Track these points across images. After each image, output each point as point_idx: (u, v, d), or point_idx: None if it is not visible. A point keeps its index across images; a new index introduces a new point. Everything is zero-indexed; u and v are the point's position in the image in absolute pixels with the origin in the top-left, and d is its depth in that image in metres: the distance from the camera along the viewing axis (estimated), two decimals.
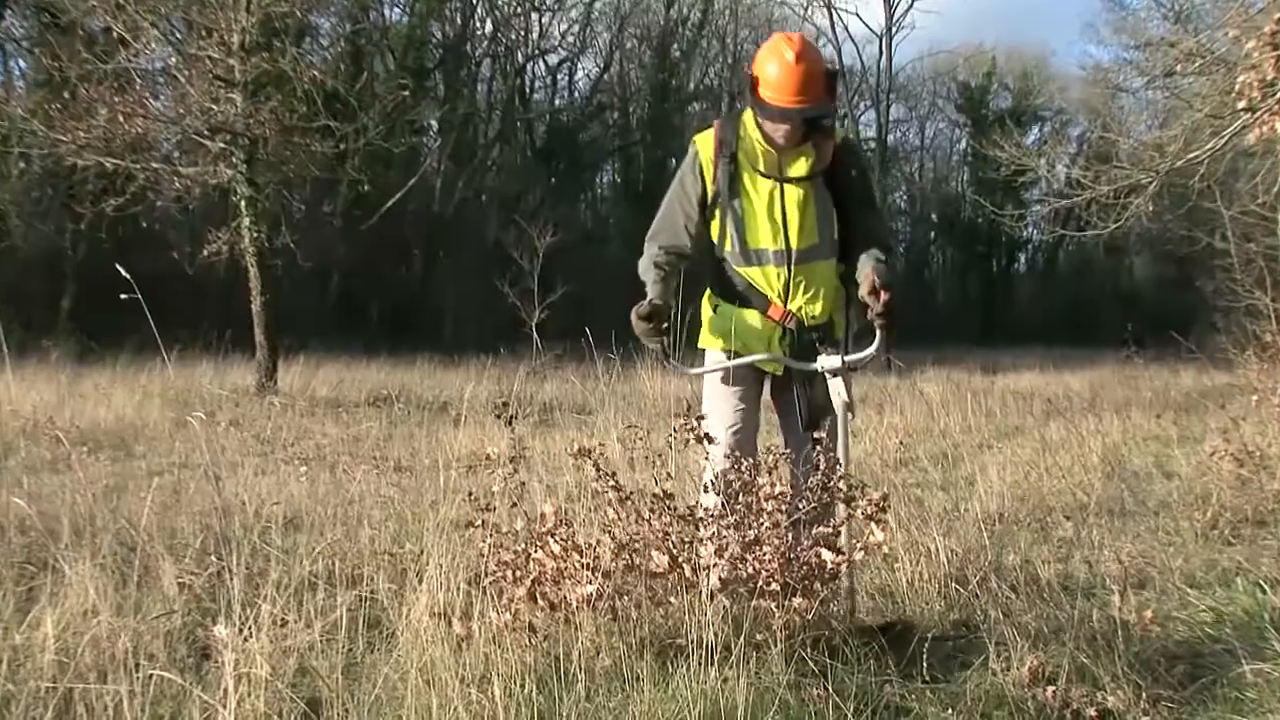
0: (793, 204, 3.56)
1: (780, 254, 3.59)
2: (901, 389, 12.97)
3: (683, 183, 3.68)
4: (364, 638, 3.22)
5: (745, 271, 3.64)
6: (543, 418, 9.34)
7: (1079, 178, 12.69)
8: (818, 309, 3.62)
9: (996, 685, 3.00)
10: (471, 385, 9.45)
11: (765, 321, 3.65)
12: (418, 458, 7.07)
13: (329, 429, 9.45)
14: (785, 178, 3.55)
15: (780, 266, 3.60)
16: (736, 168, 3.59)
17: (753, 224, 3.60)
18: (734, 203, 3.59)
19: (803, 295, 3.61)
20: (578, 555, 3.10)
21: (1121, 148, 14.78)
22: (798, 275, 3.59)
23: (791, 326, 3.63)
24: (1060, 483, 6.31)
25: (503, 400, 3.69)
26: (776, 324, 3.63)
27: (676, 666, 2.85)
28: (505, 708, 2.56)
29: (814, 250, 3.59)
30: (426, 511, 4.53)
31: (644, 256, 3.67)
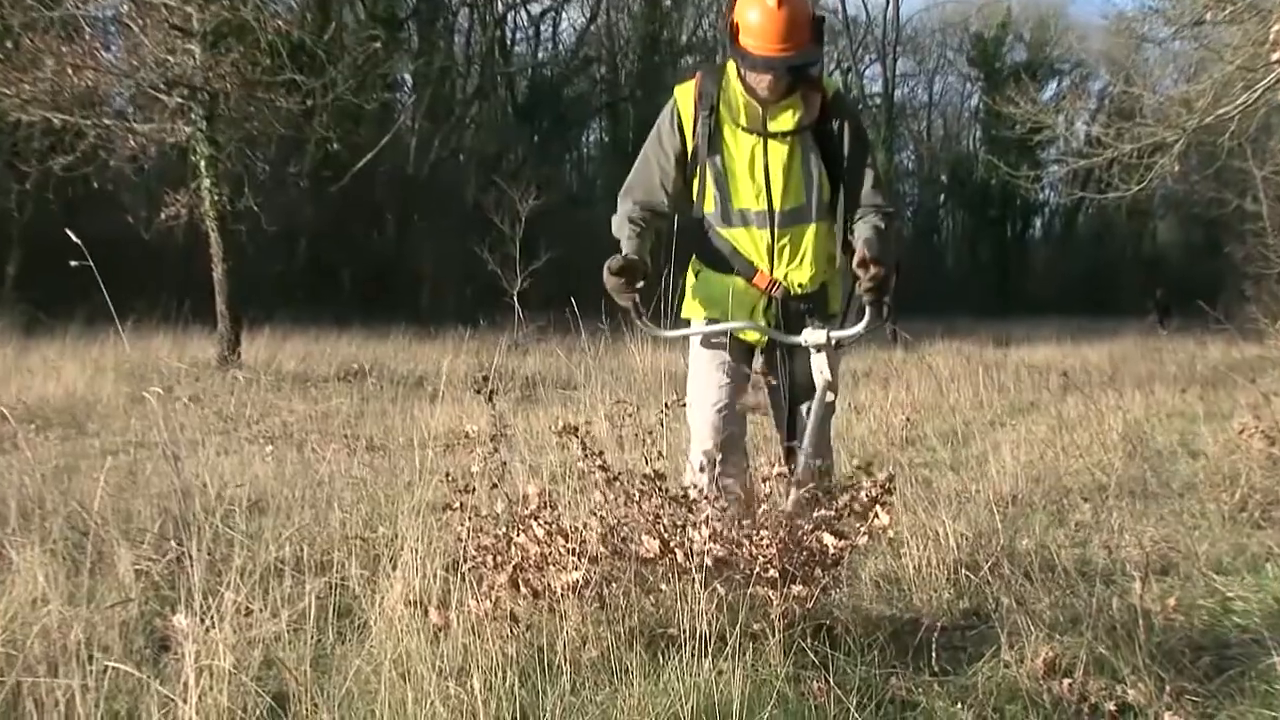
0: (776, 161, 3.53)
1: (763, 215, 3.57)
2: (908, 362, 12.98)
3: (659, 137, 3.66)
4: (334, 628, 3.21)
5: (728, 234, 3.63)
6: (525, 393, 9.33)
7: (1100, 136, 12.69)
8: (805, 277, 3.61)
9: (1009, 678, 3.02)
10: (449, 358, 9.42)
11: (750, 289, 3.63)
12: (391, 436, 7.06)
13: (296, 405, 9.43)
14: (769, 133, 3.53)
15: (763, 229, 3.58)
16: (717, 122, 3.56)
17: (735, 182, 3.59)
18: (714, 159, 3.58)
19: (788, 261, 3.60)
20: (563, 540, 3.10)
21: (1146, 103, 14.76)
22: (782, 239, 3.57)
23: (778, 295, 3.62)
24: (1078, 462, 6.33)
25: (482, 374, 3.68)
26: (762, 292, 3.62)
27: (668, 658, 2.86)
28: (485, 702, 2.57)
29: (800, 212, 3.57)
30: (401, 493, 4.52)
31: (617, 213, 3.67)
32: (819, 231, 3.60)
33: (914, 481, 5.22)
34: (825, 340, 3.51)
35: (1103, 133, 12.72)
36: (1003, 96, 17.46)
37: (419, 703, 2.60)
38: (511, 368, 10.40)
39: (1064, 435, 7.13)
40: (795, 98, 3.53)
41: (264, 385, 10.04)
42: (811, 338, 3.53)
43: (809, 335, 3.53)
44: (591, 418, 5.16)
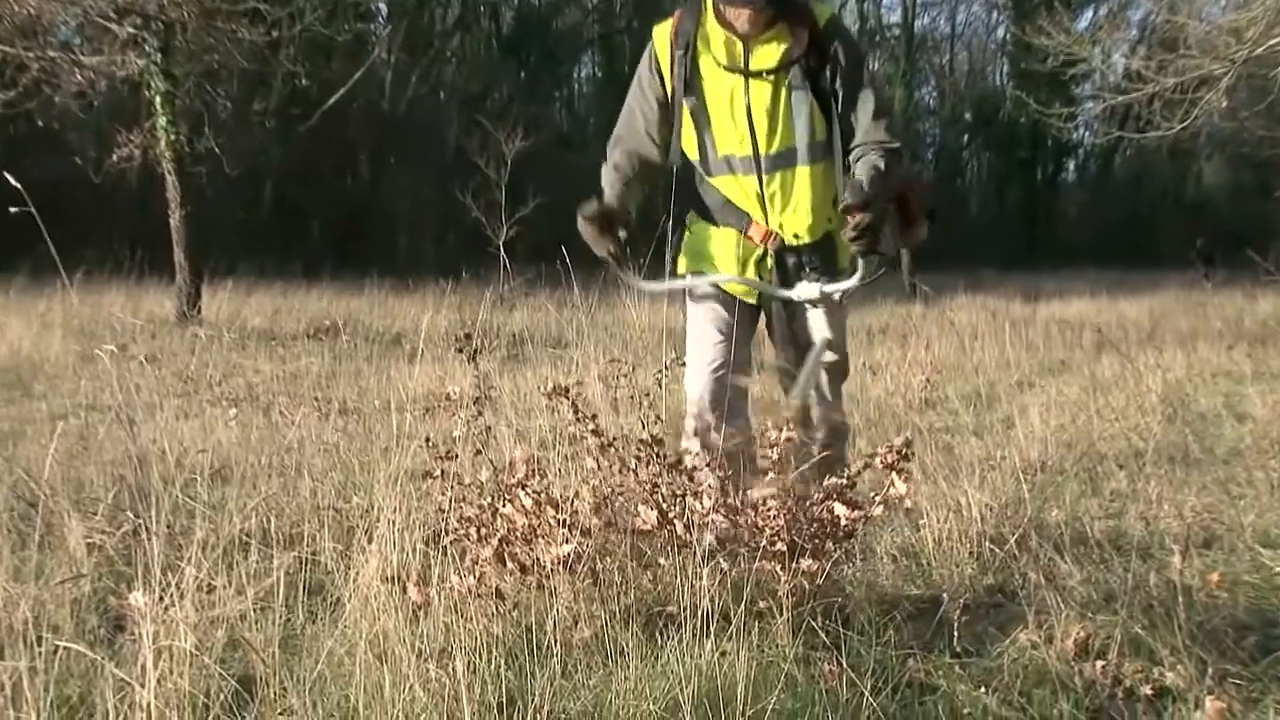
0: (759, 102, 3.49)
1: (748, 161, 3.55)
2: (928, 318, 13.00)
3: (640, 82, 3.65)
4: (304, 606, 3.22)
5: (716, 182, 3.62)
6: (512, 352, 9.32)
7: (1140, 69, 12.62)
8: (802, 226, 3.59)
9: (1037, 659, 3.03)
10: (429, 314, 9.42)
11: (744, 243, 3.63)
12: (366, 398, 7.06)
13: (262, 365, 9.43)
14: (750, 71, 3.48)
15: (750, 175, 3.57)
16: (694, 61, 3.53)
17: (716, 126, 3.57)
18: (693, 102, 3.55)
19: (782, 210, 3.58)
20: (552, 510, 3.11)
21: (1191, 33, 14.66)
22: (771, 186, 3.55)
23: (774, 247, 3.60)
24: (1113, 426, 6.34)
25: (465, 331, 3.68)
26: (758, 245, 3.61)
27: (666, 638, 2.87)
28: (469, 685, 2.57)
29: (788, 155, 3.54)
30: (377, 460, 4.53)
31: (605, 163, 3.67)
32: (814, 175, 3.56)
33: (934, 447, 5.23)
34: (818, 295, 3.50)
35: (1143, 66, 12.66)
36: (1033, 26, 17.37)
37: (397, 686, 2.61)
38: (497, 324, 10.40)
39: (1098, 397, 7.14)
40: (779, 30, 3.47)
41: (227, 343, 10.03)
42: (803, 291, 3.53)
43: (801, 289, 3.54)
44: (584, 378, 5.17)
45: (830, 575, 3.12)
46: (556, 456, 3.78)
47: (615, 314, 9.70)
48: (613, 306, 9.93)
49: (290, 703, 2.61)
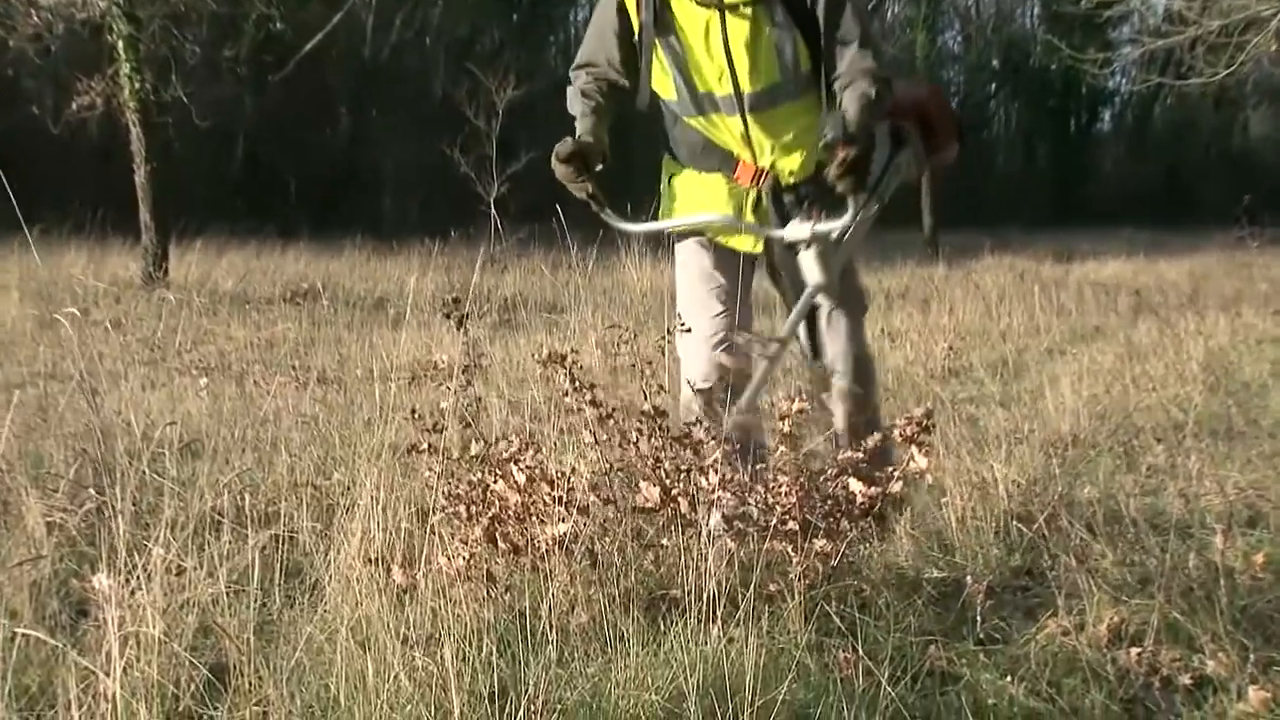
0: (737, 37, 3.46)
1: (730, 100, 3.54)
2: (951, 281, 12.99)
3: (603, 18, 3.64)
4: (281, 589, 3.23)
5: (697, 124, 3.61)
6: (503, 317, 9.32)
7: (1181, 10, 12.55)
8: (795, 163, 3.59)
9: (1067, 647, 3.03)
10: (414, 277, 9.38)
11: (734, 186, 3.62)
12: (347, 367, 7.06)
13: (235, 331, 9.43)
14: (725, 4, 3.45)
15: (733, 115, 3.55)
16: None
17: (693, 65, 3.54)
18: (668, 40, 3.53)
19: (771, 149, 3.57)
20: (547, 487, 3.11)
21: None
22: (756, 125, 3.54)
23: (767, 188, 3.59)
24: (1151, 397, 6.34)
25: (453, 295, 3.67)
26: (749, 186, 3.60)
27: (670, 624, 2.88)
28: (458, 674, 2.58)
29: (773, 92, 3.52)
30: (359, 434, 4.53)
31: (570, 87, 3.66)
32: (803, 110, 3.55)
33: (957, 420, 5.23)
34: (809, 235, 3.48)
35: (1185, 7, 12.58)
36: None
37: (380, 675, 2.62)
38: (487, 288, 10.38)
39: (1134, 365, 7.14)
40: None
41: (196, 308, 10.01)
42: (792, 232, 3.51)
43: (790, 230, 3.52)
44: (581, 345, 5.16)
45: (845, 556, 3.13)
46: (552, 429, 3.78)
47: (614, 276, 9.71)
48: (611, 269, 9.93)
49: (266, 693, 2.62)
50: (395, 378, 6.04)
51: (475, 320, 6.16)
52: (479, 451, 3.32)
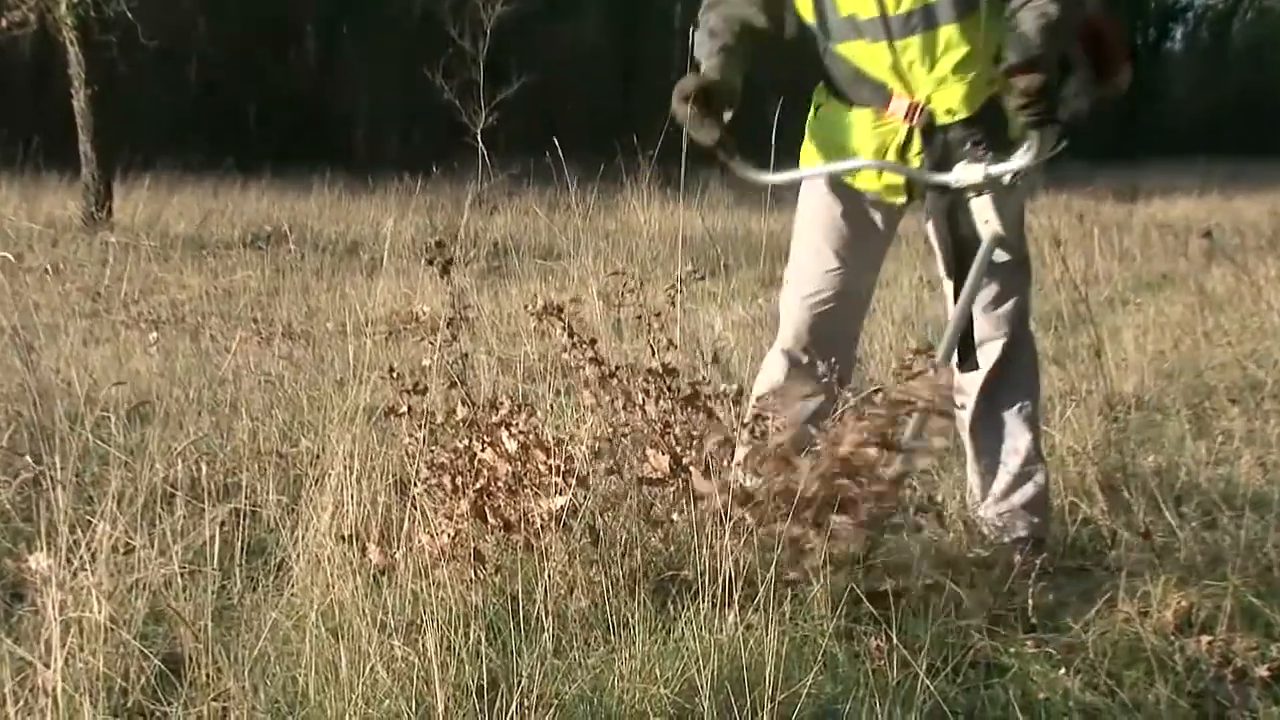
0: None
1: (875, 24, 3.44)
2: None
3: None
4: (243, 570, 3.24)
5: (843, 50, 3.53)
6: (493, 264, 9.31)
7: None
8: (956, 98, 3.45)
9: (1129, 634, 3.03)
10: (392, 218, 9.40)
11: (880, 122, 3.53)
12: (316, 320, 7.06)
13: (189, 279, 9.43)
14: None
15: (878, 41, 3.46)
16: None
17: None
18: None
19: (926, 80, 3.47)
20: (542, 455, 3.11)
21: None
22: (907, 52, 3.44)
23: (919, 125, 3.51)
24: (1225, 353, 6.33)
25: (436, 239, 3.67)
26: (901, 123, 3.51)
27: (681, 609, 2.87)
28: (442, 665, 2.58)
29: (928, 13, 3.41)
30: (329, 395, 4.53)
31: (697, 31, 3.56)
32: (964, 34, 3.42)
33: None
34: (982, 177, 3.38)
35: None
36: None
37: (355, 666, 2.62)
38: (474, 230, 10.36)
39: (1207, 317, 7.13)
40: None
41: (145, 252, 10.02)
42: (963, 175, 3.39)
43: (960, 172, 3.39)
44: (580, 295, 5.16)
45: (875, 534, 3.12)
46: (548, 390, 3.79)
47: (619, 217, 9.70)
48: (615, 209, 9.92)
49: (226, 686, 2.63)
50: (371, 332, 6.03)
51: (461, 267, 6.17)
52: (466, 415, 3.32)
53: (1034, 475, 3.56)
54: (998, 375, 3.57)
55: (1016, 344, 3.60)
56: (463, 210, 10.08)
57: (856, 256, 3.60)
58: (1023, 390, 3.62)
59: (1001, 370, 3.57)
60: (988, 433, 3.59)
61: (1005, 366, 3.57)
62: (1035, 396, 3.67)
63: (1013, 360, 3.58)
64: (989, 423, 3.59)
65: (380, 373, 3.62)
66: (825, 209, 3.62)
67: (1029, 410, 3.61)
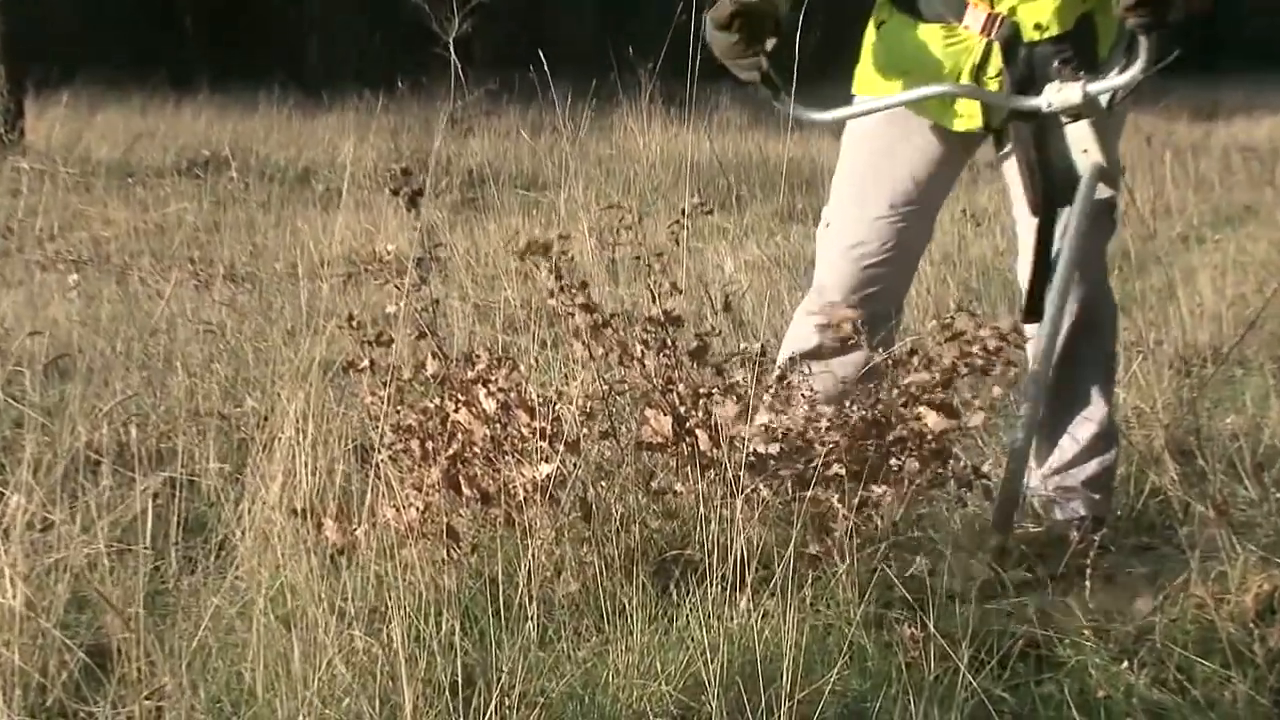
0: None
1: None
2: None
3: None
4: (179, 550, 3.24)
5: None
6: (468, 195, 9.30)
7: None
8: (1046, 11, 3.37)
9: (1202, 622, 3.04)
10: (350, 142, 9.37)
11: (955, 39, 3.45)
12: (263, 261, 7.07)
13: (115, 213, 9.40)
14: None
15: None
16: None
17: None
18: None
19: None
20: (525, 416, 3.12)
21: None
22: None
23: (999, 39, 3.46)
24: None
25: (402, 166, 3.66)
26: (979, 39, 3.47)
27: (685, 593, 2.88)
28: (410, 658, 2.58)
29: None
30: (278, 348, 4.54)
31: None
32: None
33: None
34: (1081, 99, 3.32)
35: None
36: None
37: (309, 660, 2.63)
38: (446, 155, 10.34)
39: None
40: None
41: (64, 181, 10.00)
42: (1057, 97, 3.32)
43: (1052, 94, 3.32)
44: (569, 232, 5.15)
45: (912, 506, 3.13)
46: (532, 342, 3.79)
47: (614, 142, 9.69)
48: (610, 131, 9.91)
49: (161, 682, 2.63)
50: (326, 274, 6.03)
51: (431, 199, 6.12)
52: (437, 371, 3.32)
53: (1103, 451, 3.58)
54: (1074, 333, 3.52)
55: (1097, 298, 3.58)
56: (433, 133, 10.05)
57: (915, 198, 3.54)
58: (1101, 353, 3.63)
59: (1078, 327, 3.53)
60: (1058, 400, 3.57)
61: (1083, 324, 3.54)
62: (1114, 360, 3.66)
63: (1092, 317, 3.56)
64: (1061, 389, 3.55)
65: (337, 321, 3.62)
66: (880, 137, 3.56)
67: (1103, 377, 3.62)
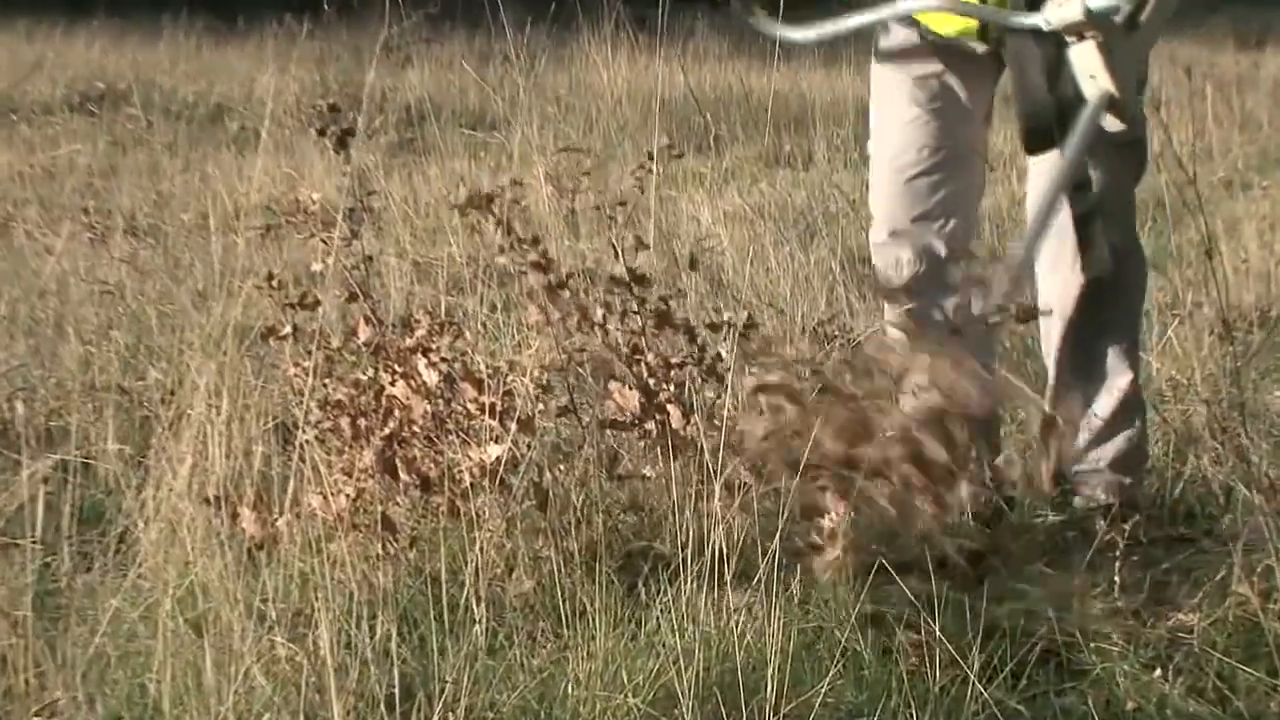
0: None
1: None
2: None
3: None
4: (73, 544, 3.24)
5: None
6: (405, 135, 9.28)
7: None
8: None
9: (1245, 620, 3.06)
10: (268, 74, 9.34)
11: None
12: (169, 211, 7.04)
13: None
14: None
15: None
16: None
17: None
18: None
19: None
20: (472, 390, 3.12)
21: None
22: None
23: None
24: None
25: (329, 102, 3.65)
26: None
27: (656, 592, 2.89)
28: (340, 667, 2.59)
29: None
30: (187, 311, 4.53)
31: None
32: None
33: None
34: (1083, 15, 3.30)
35: None
36: None
37: (223, 670, 2.63)
38: (381, 90, 10.32)
39: None
40: None
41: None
42: (1057, 13, 3.30)
43: (1052, 10, 3.32)
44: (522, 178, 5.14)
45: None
46: (479, 304, 3.79)
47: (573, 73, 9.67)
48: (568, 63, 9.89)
49: (54, 696, 2.64)
50: (242, 227, 6.01)
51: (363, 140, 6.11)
52: (370, 338, 3.32)
53: (1129, 426, 3.60)
54: (1095, 296, 3.54)
55: (1123, 252, 3.57)
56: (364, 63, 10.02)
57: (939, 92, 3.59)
58: (1127, 314, 3.65)
59: (1099, 288, 3.53)
60: (1076, 367, 3.60)
61: (1106, 284, 3.53)
62: (1139, 324, 3.68)
63: (1118, 272, 3.54)
64: (1079, 354, 3.60)
65: (255, 281, 3.61)
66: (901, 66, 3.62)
67: (1131, 342, 3.64)
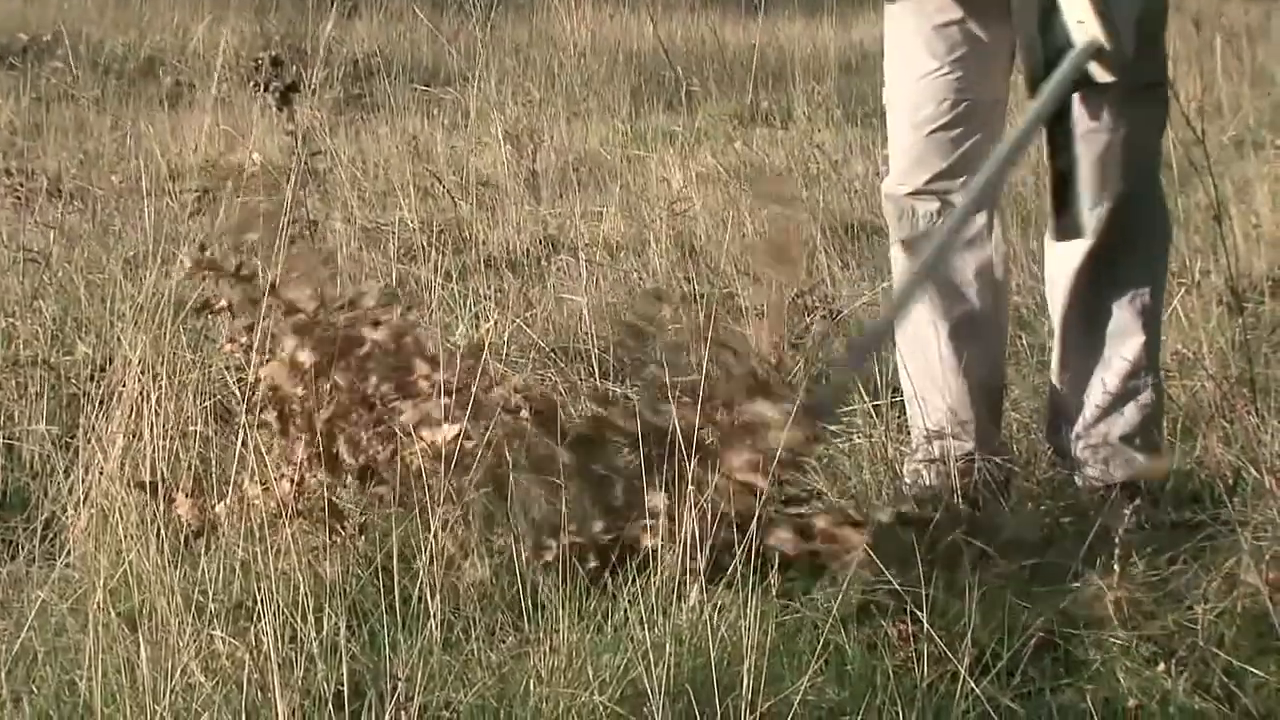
0: None
1: None
2: None
3: None
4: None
5: None
6: (353, 91, 9.25)
7: None
8: None
9: (1253, 613, 3.07)
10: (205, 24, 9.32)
11: None
12: (98, 172, 7.02)
13: None
14: None
15: None
16: None
17: None
18: None
19: None
20: (425, 366, 3.13)
21: None
22: None
23: None
24: None
25: (271, 55, 3.66)
26: None
27: (624, 583, 2.90)
28: (284, 663, 2.59)
29: None
30: (118, 281, 4.53)
31: None
32: None
33: None
34: None
35: None
36: None
37: (159, 666, 2.63)
38: (326, 42, 10.28)
39: None
40: None
41: None
42: None
43: None
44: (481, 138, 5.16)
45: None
46: (433, 274, 3.79)
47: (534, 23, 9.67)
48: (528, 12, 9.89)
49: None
50: (177, 190, 6.01)
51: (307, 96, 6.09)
52: (316, 309, 3.32)
53: (1142, 394, 3.61)
54: (1106, 251, 3.55)
55: (1136, 205, 3.59)
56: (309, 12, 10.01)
57: (971, 58, 3.59)
58: (1143, 271, 3.63)
59: (1111, 242, 3.55)
60: (1083, 331, 3.62)
61: (1119, 238, 3.55)
62: (1159, 282, 3.69)
63: (1130, 230, 3.57)
64: (1086, 318, 3.61)
65: (190, 248, 3.61)
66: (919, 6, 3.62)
67: (1146, 301, 3.63)
